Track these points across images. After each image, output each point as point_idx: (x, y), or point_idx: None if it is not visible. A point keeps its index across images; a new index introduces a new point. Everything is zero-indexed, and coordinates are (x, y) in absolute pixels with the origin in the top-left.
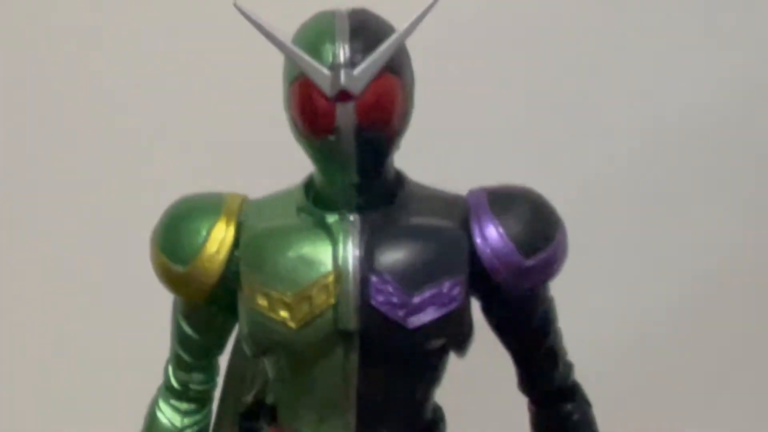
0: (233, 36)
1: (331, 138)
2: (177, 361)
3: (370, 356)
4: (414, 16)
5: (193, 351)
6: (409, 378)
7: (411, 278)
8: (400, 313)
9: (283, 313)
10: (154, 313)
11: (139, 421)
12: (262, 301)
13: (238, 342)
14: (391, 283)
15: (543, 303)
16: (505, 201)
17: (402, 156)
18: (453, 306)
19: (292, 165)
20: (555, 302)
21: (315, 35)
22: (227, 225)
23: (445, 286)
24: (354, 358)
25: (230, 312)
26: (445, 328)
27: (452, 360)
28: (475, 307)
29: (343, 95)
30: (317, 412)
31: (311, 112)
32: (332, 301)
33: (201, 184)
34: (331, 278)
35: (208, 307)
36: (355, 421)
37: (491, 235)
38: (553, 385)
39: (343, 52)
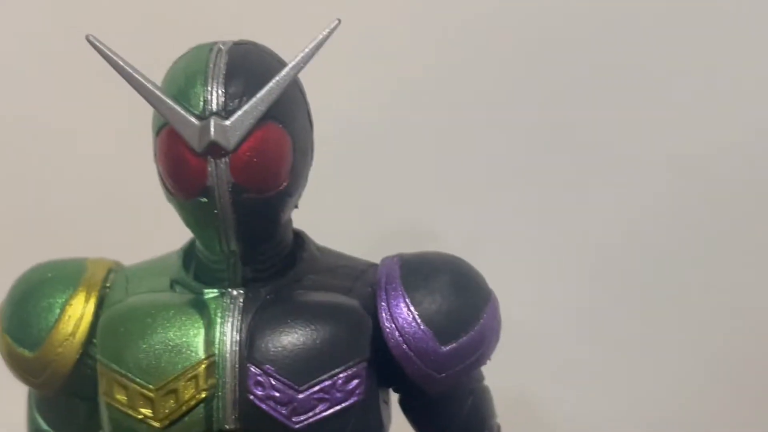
0: None
1: (203, 200)
2: None
3: None
4: (306, 48)
5: None
6: None
7: (297, 369)
8: (284, 410)
9: (145, 410)
10: None
11: None
12: (121, 395)
13: None
14: (274, 374)
15: (471, 396)
16: (421, 272)
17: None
18: (350, 402)
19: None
20: (490, 393)
21: (185, 75)
22: (87, 300)
23: (340, 378)
24: None
25: (95, 404)
26: (340, 428)
27: None
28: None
29: (214, 149)
30: None
31: (178, 168)
32: (203, 395)
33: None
34: (202, 368)
35: (66, 398)
36: None
37: (401, 315)
38: None
39: (215, 97)
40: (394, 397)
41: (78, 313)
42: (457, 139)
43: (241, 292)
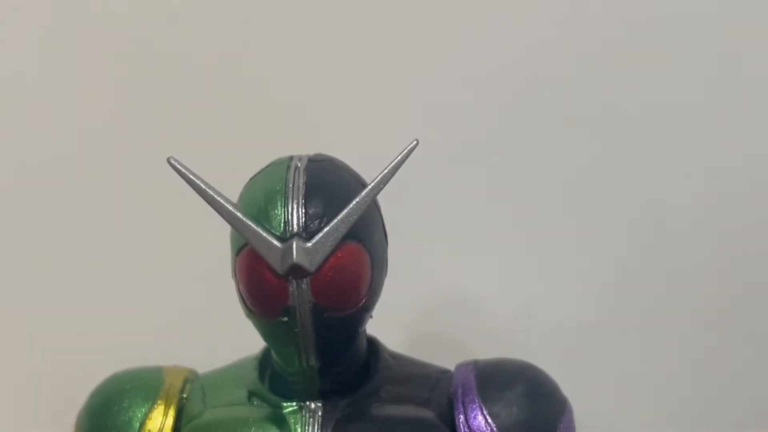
0: None
1: (284, 319)
2: None
3: None
4: (385, 169)
5: None
6: None
7: None
8: None
9: None
10: None
11: None
12: None
13: None
14: None
15: None
16: (496, 383)
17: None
18: None
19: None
20: None
21: (264, 195)
22: (166, 412)
23: None
24: None
25: None
26: None
27: None
28: None
29: (297, 271)
30: None
31: (260, 288)
32: None
33: None
34: None
35: None
36: None
37: (480, 428)
38: None
39: (296, 218)
40: None
41: (157, 426)
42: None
43: (320, 404)
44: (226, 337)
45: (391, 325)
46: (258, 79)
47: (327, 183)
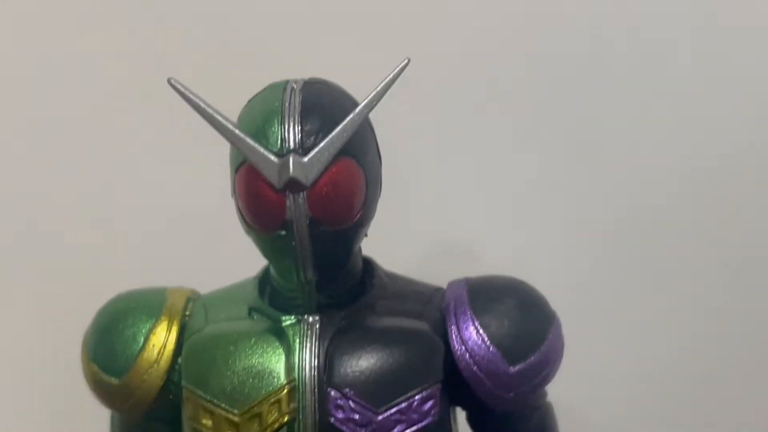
0: None
1: (282, 233)
2: None
3: None
4: (377, 87)
5: None
6: None
7: (375, 392)
8: None
9: None
10: None
11: None
12: (206, 420)
13: None
14: (353, 398)
15: (537, 412)
16: (487, 296)
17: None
18: (425, 422)
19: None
20: (553, 409)
21: (262, 115)
22: (169, 328)
23: (416, 400)
24: None
25: (176, 427)
26: None
27: None
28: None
29: (293, 185)
30: None
31: (258, 203)
32: (285, 418)
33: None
34: (284, 392)
35: (149, 423)
36: None
37: (471, 338)
38: None
39: (292, 135)
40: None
41: (161, 341)
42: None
43: (317, 318)
44: (228, 268)
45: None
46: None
47: (322, 102)
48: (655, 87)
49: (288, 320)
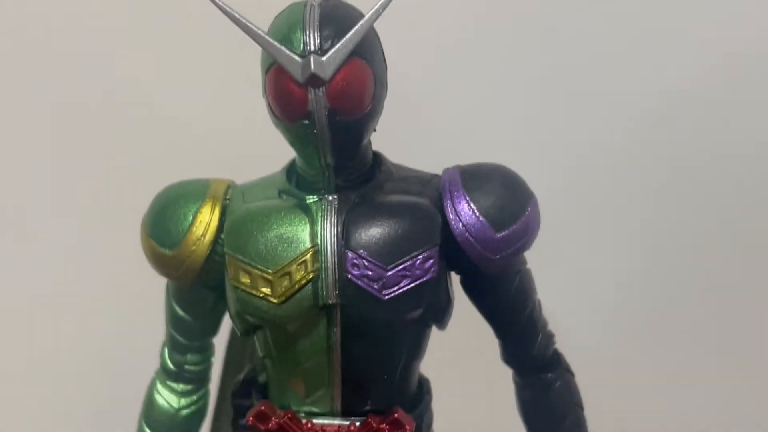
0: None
1: (305, 122)
2: (172, 344)
3: (351, 329)
4: (380, 2)
5: (187, 333)
6: (391, 350)
7: (385, 253)
8: (375, 285)
9: (265, 289)
10: None
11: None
12: (245, 279)
13: (233, 331)
14: (366, 258)
15: (518, 275)
16: (477, 178)
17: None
18: (426, 278)
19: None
20: (532, 274)
21: (287, 25)
22: (212, 209)
23: (418, 259)
24: (335, 331)
25: (220, 293)
26: (419, 299)
27: (439, 334)
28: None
29: (314, 80)
30: (303, 386)
31: (285, 97)
32: (311, 276)
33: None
34: (309, 255)
35: (198, 289)
36: (340, 394)
37: (463, 210)
38: (535, 355)
39: (312, 40)
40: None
41: (206, 219)
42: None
43: (335, 197)
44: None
45: None
46: None
47: (337, 14)
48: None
49: (311, 199)
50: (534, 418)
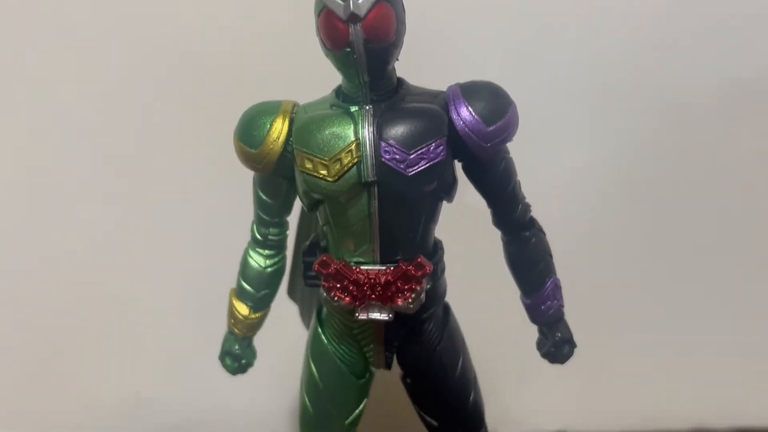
0: None
1: (348, 50)
2: (258, 220)
3: (385, 200)
4: None
5: (269, 211)
6: (414, 216)
7: (408, 142)
8: (402, 165)
9: (323, 171)
10: None
11: None
12: (309, 165)
13: (302, 211)
14: (395, 146)
15: (504, 161)
16: (472, 90)
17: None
18: (438, 160)
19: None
20: (514, 162)
21: None
22: (284, 119)
23: (431, 145)
24: (374, 202)
25: (291, 181)
26: (433, 175)
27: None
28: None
29: (353, 18)
30: (353, 244)
31: (333, 32)
32: (355, 160)
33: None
34: (353, 146)
35: (275, 177)
36: (379, 248)
37: (463, 112)
38: (516, 219)
39: None
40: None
41: (279, 126)
42: None
43: (370, 106)
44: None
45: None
46: None
47: None
48: None
49: (354, 108)
50: (517, 265)
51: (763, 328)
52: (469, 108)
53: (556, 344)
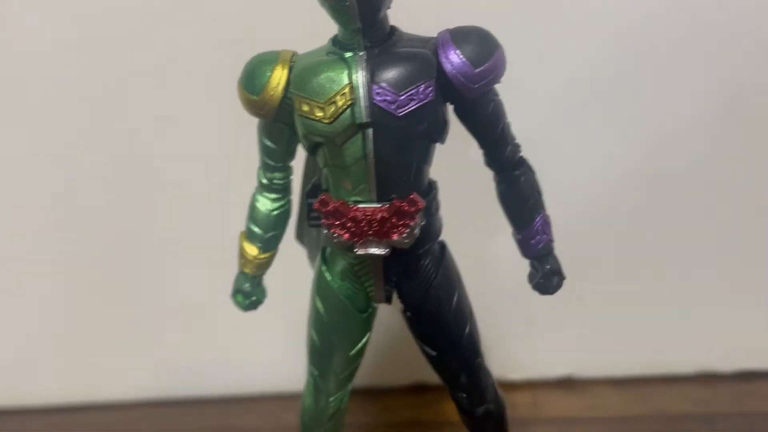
0: None
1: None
2: (264, 166)
3: (379, 140)
4: None
5: (273, 157)
6: (407, 156)
7: (398, 84)
8: (393, 106)
9: (319, 114)
10: None
11: None
12: (306, 108)
13: (307, 158)
14: (386, 88)
15: (492, 103)
16: (461, 34)
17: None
18: (427, 100)
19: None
20: (503, 103)
21: None
22: (283, 68)
23: (420, 87)
24: (369, 144)
25: (292, 127)
26: (423, 116)
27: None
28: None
29: None
30: (350, 184)
31: None
32: (349, 102)
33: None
34: (347, 89)
35: (276, 123)
36: (375, 187)
37: (452, 55)
38: (506, 159)
39: None
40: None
41: (279, 74)
42: None
43: (364, 52)
44: None
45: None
46: None
47: None
48: None
49: (348, 54)
50: (508, 202)
51: None
52: (457, 51)
53: (546, 275)
